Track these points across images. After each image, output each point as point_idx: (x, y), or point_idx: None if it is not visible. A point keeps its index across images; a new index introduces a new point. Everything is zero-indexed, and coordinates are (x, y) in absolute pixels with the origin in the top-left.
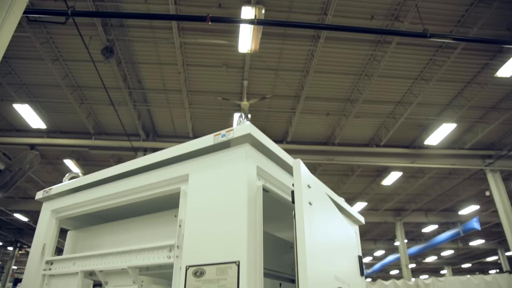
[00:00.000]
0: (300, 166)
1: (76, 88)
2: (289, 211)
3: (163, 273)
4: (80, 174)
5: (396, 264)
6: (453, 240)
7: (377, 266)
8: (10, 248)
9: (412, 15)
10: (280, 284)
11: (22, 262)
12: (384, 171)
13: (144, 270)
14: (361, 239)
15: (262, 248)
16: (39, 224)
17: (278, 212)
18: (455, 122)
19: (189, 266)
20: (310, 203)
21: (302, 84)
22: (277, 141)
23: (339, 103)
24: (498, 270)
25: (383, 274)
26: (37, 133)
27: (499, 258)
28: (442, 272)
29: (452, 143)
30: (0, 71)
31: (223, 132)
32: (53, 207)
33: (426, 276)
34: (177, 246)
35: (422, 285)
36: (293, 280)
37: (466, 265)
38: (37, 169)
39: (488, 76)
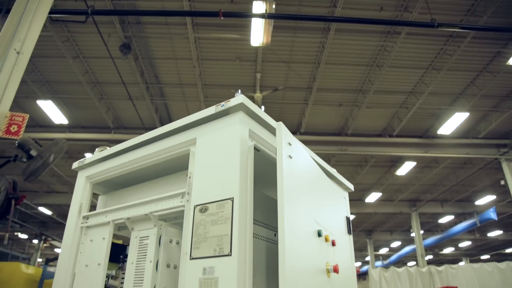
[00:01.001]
0: (281, 127)
1: (96, 84)
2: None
3: (176, 222)
4: (107, 147)
5: (412, 255)
6: (470, 231)
7: (393, 257)
8: (35, 241)
9: (421, 5)
10: (275, 234)
11: (46, 255)
12: (398, 161)
13: (162, 220)
14: (377, 230)
15: (252, 190)
16: (76, 188)
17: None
18: (468, 111)
19: (196, 205)
20: (290, 156)
21: (314, 75)
22: (291, 132)
23: (351, 94)
24: None
25: (399, 265)
26: (60, 128)
27: None
28: (460, 264)
29: (465, 132)
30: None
31: (222, 103)
32: (86, 174)
33: None
34: (187, 193)
35: (435, 272)
36: None
37: (485, 257)
38: (60, 163)
39: (500, 64)
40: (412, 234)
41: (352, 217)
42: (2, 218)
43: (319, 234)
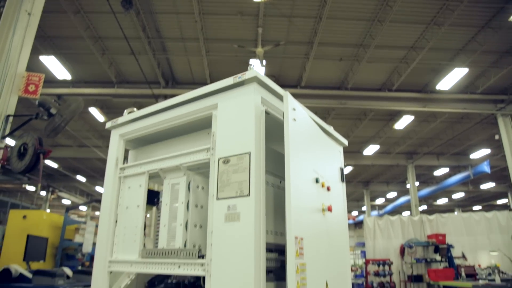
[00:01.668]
0: (288, 96)
1: (98, 39)
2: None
3: (199, 172)
4: (134, 109)
5: (407, 206)
6: (463, 183)
7: (389, 207)
8: (43, 193)
9: None
10: (280, 181)
11: (54, 206)
12: (396, 115)
13: (189, 170)
14: (374, 182)
15: (264, 146)
16: (111, 145)
17: (277, 132)
18: (467, 67)
19: (220, 158)
20: (294, 119)
21: (315, 30)
22: (291, 86)
23: (352, 49)
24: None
25: (394, 215)
26: (63, 83)
27: (509, 201)
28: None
29: (464, 87)
30: None
31: (239, 75)
32: (119, 133)
33: None
34: (212, 148)
35: (426, 221)
36: None
37: (477, 207)
38: None
39: (502, 20)
40: (408, 186)
41: (349, 168)
42: (33, 170)
43: (317, 181)
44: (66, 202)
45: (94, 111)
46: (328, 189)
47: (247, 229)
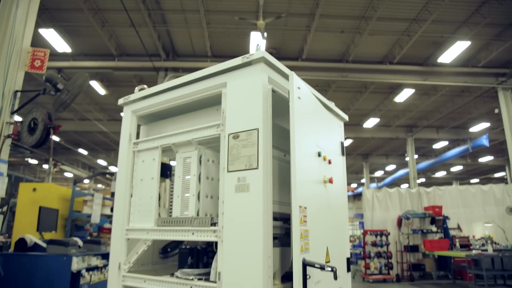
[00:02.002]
0: (293, 76)
1: (97, 11)
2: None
3: (209, 146)
4: (145, 86)
5: (405, 178)
6: (462, 156)
7: (387, 179)
8: (45, 166)
9: None
10: (285, 155)
11: (57, 179)
12: (397, 88)
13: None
14: (373, 154)
15: (271, 122)
16: (124, 121)
17: (282, 109)
18: (470, 40)
19: (230, 134)
20: (299, 97)
21: (317, 1)
22: (293, 58)
23: (354, 21)
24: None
25: (392, 187)
26: (63, 56)
27: (506, 174)
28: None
29: (466, 61)
30: None
31: (247, 55)
32: (131, 109)
33: None
34: (222, 124)
35: (423, 193)
36: None
37: (474, 180)
38: None
39: None
40: (407, 158)
41: (349, 141)
42: (43, 145)
43: (319, 155)
44: (69, 175)
45: (95, 84)
46: (329, 162)
47: (256, 199)
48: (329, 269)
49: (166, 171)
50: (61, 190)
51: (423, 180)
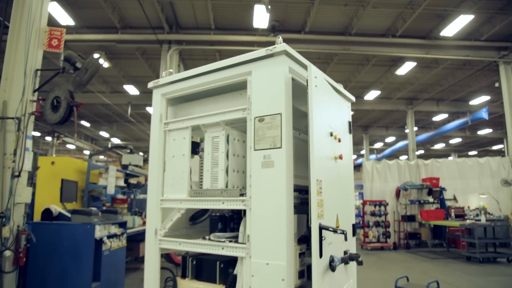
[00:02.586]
0: (311, 66)
1: None
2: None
3: (233, 126)
4: (171, 71)
5: (405, 150)
6: (461, 128)
7: (387, 151)
8: (48, 138)
9: None
10: (299, 133)
11: (60, 151)
12: (398, 61)
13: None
14: (373, 126)
15: (291, 106)
16: (154, 103)
17: (299, 94)
18: (474, 13)
19: (256, 117)
20: (316, 86)
21: None
22: (295, 31)
23: None
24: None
25: (392, 159)
26: (66, 29)
27: (504, 147)
28: (449, 158)
29: (468, 34)
30: None
31: (270, 47)
32: (161, 92)
33: None
34: (248, 108)
35: (422, 165)
36: None
37: (473, 153)
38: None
39: None
40: (406, 131)
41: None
42: (67, 122)
43: (331, 134)
44: (71, 147)
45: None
46: (339, 140)
47: (280, 173)
48: (340, 232)
49: (195, 148)
50: (77, 163)
51: (422, 152)
